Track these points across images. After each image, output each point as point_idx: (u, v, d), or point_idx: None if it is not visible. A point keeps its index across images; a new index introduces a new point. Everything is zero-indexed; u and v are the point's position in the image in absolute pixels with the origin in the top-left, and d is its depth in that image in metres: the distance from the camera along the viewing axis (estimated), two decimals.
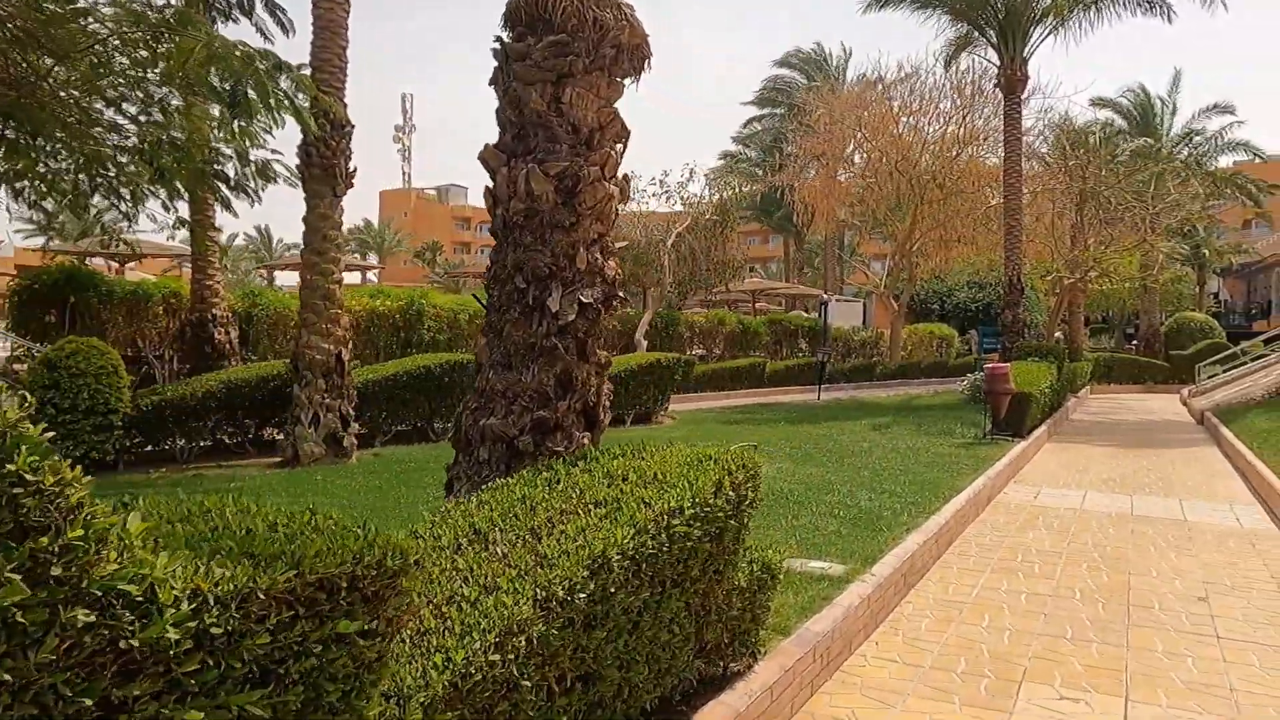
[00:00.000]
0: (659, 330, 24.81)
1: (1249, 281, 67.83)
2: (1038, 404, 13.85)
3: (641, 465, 3.37)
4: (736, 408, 18.70)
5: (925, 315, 39.23)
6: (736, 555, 3.53)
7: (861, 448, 11.71)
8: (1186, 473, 11.89)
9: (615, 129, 4.25)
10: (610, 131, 4.21)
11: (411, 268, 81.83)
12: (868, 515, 7.31)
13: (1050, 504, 9.43)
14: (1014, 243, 20.03)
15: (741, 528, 3.50)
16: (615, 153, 4.23)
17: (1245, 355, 26.23)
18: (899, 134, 26.78)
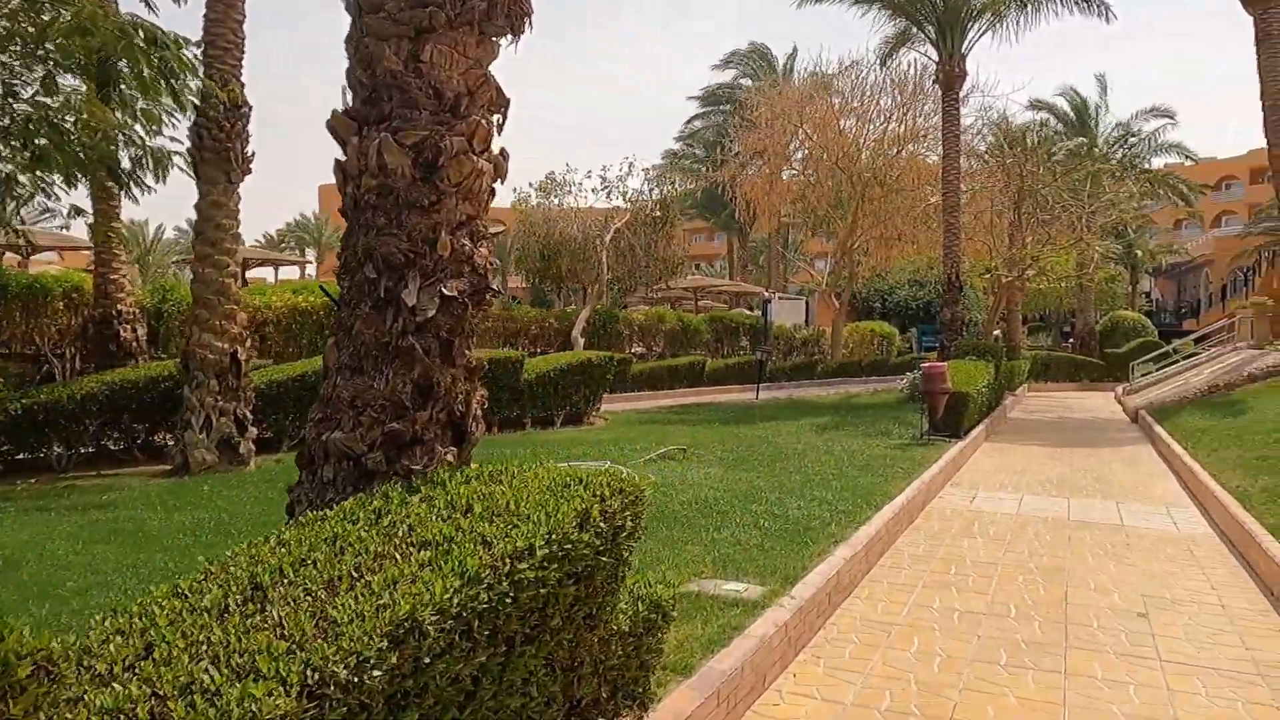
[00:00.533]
0: (597, 328, 24.25)
1: (1179, 281, 69.58)
2: (975, 403, 13.59)
3: (494, 492, 2.80)
4: (673, 407, 18.22)
5: (867, 313, 39.27)
6: (615, 595, 2.98)
7: (796, 450, 11.28)
8: (1123, 473, 11.69)
9: (488, 96, 3.67)
10: (482, 98, 3.63)
11: None
12: (795, 526, 6.84)
13: (987, 509, 9.08)
14: (952, 240, 19.87)
15: (619, 563, 2.95)
16: (488, 123, 3.65)
17: (1177, 354, 26.56)
18: (840, 130, 26.58)
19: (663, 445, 11.54)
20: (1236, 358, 20.47)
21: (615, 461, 9.94)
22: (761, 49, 43.15)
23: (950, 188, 19.88)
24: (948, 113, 20.49)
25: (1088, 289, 37.37)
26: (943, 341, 19.74)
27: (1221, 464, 10.25)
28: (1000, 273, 24.00)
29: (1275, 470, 9.17)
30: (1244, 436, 11.79)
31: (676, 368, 22.62)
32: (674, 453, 10.47)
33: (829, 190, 28.20)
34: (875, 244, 29.51)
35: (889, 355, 33.23)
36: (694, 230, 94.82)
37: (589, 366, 14.77)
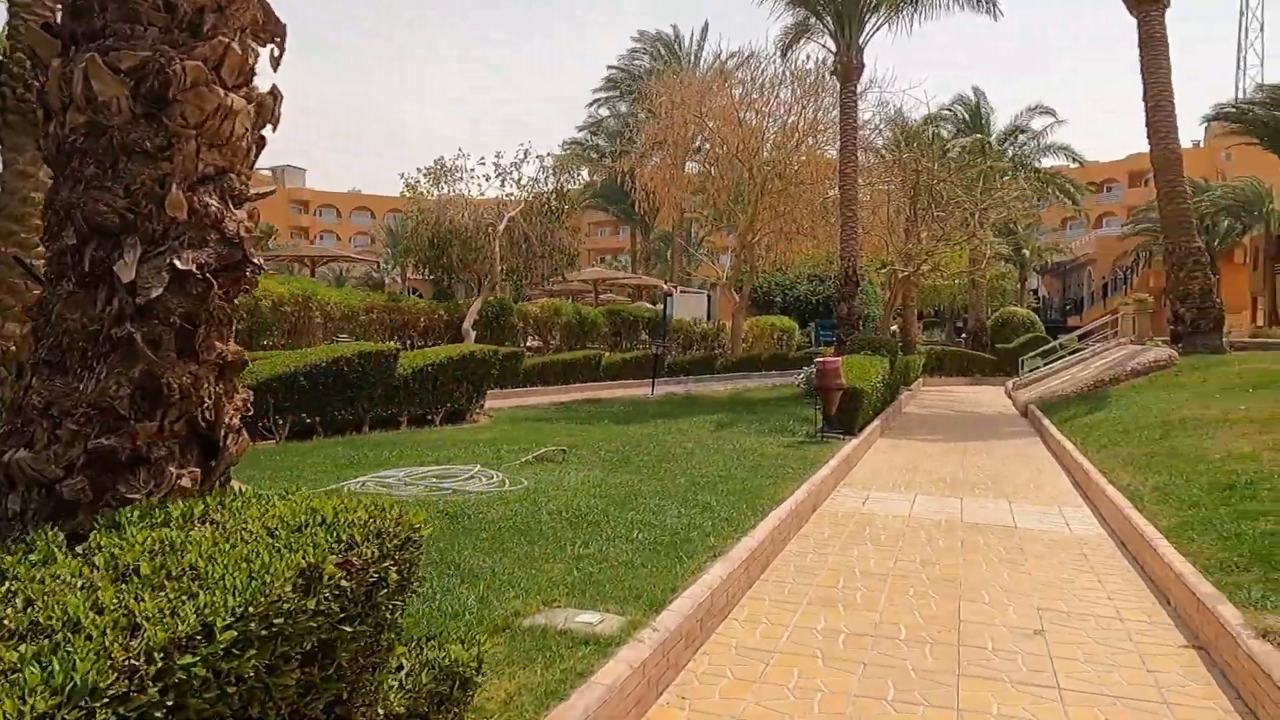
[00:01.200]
0: (490, 320, 23.29)
1: (1064, 279, 72.45)
2: (870, 399, 13.28)
3: (187, 541, 2.01)
4: (565, 404, 17.46)
5: (768, 308, 39.23)
6: (378, 672, 2.23)
7: (684, 450, 10.68)
8: (1014, 470, 11.50)
9: (250, 16, 2.86)
10: (238, 16, 2.82)
11: None
12: (672, 538, 6.20)
13: (879, 511, 8.65)
14: (850, 234, 19.69)
15: (381, 630, 2.20)
16: (246, 50, 2.84)
17: (1063, 349, 27.18)
18: (740, 121, 26.22)
19: (544, 445, 10.80)
20: (1120, 353, 20.91)
21: (488, 465, 9.15)
22: (665, 36, 42.65)
23: (847, 181, 19.68)
24: (845, 105, 20.31)
25: (980, 286, 38.17)
26: (839, 336, 19.55)
27: (1112, 461, 10.10)
28: (896, 268, 24.05)
29: (1163, 468, 9.01)
30: (1131, 432, 11.75)
31: (572, 362, 21.87)
32: (553, 454, 9.73)
33: (729, 183, 27.84)
34: (775, 238, 29.30)
35: (789, 349, 33.15)
36: (598, 223, 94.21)
37: (472, 361, 13.89)
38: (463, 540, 5.94)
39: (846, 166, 19.77)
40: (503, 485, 8.01)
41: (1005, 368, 30.97)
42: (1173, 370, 17.41)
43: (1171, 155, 20.13)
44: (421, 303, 23.09)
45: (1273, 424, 10.21)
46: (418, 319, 22.60)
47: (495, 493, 7.64)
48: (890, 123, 26.82)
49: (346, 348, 12.57)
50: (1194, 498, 7.49)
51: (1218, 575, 5.47)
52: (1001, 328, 37.24)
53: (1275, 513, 6.51)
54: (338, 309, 20.74)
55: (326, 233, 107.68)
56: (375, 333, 21.62)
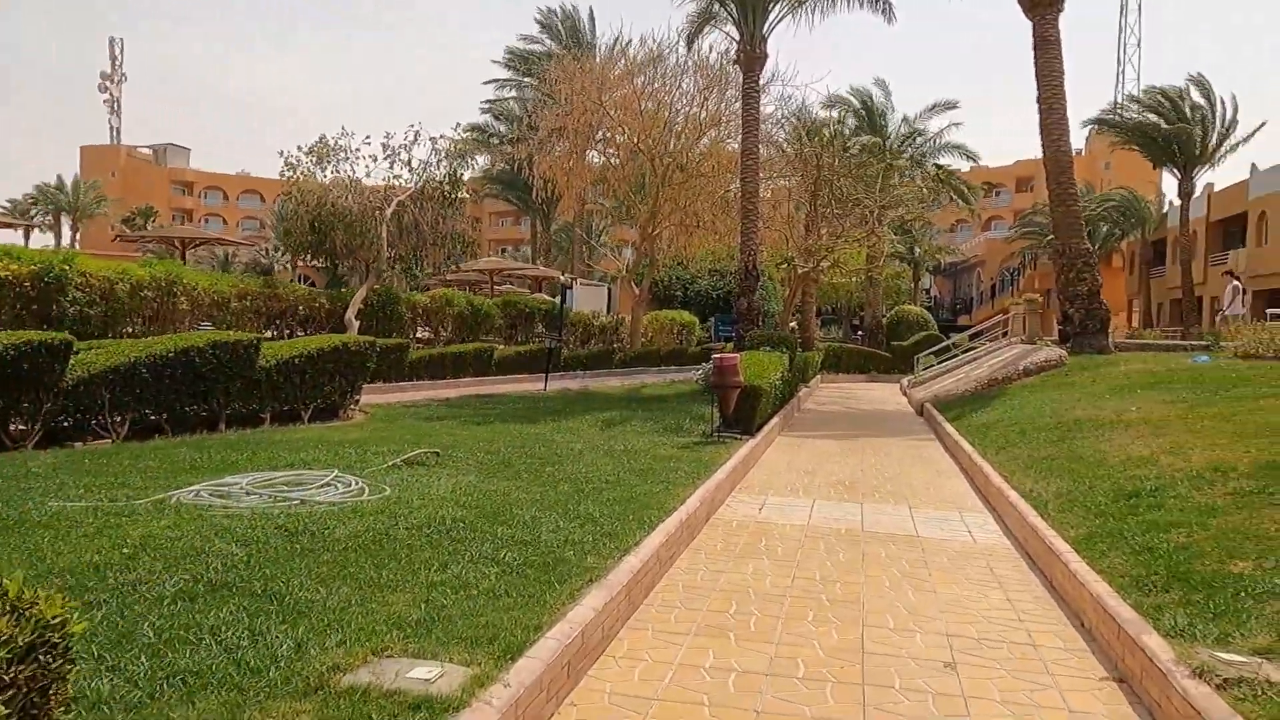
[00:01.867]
0: (376, 310, 22.08)
1: (955, 279, 74.79)
2: (768, 398, 12.80)
3: None
4: (452, 400, 16.49)
5: (668, 302, 38.84)
6: None
7: (572, 451, 9.93)
8: (914, 472, 11.17)
9: None
10: None
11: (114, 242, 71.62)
12: (546, 557, 5.45)
13: (776, 519, 8.08)
14: (750, 228, 19.28)
15: None
16: None
17: (956, 348, 27.55)
18: (642, 110, 25.58)
19: (418, 446, 9.88)
20: (1011, 353, 21.15)
21: (349, 469, 8.21)
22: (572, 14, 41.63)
23: (749, 173, 19.27)
24: (748, 94, 19.88)
25: (877, 284, 38.66)
26: (739, 331, 19.12)
27: (1012, 464, 9.82)
28: (797, 263, 23.82)
29: (1065, 473, 8.73)
30: (1029, 433, 11.56)
31: (461, 355, 20.84)
32: (424, 456, 8.83)
33: (631, 173, 27.21)
34: (676, 231, 28.83)
35: (689, 344, 32.81)
36: (499, 213, 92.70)
37: (345, 353, 12.79)
38: (297, 564, 5.05)
39: (748, 159, 19.33)
40: (361, 494, 7.10)
41: (900, 365, 31.29)
42: (1063, 370, 17.58)
43: (1064, 158, 20.43)
44: (301, 290, 21.68)
45: (1165, 427, 10.10)
46: (296, 307, 21.19)
47: (350, 503, 6.73)
48: (792, 117, 26.65)
49: (199, 336, 11.35)
50: (1100, 505, 7.15)
51: (1136, 596, 5.04)
52: (896, 325, 37.78)
53: (1184, 524, 6.18)
54: (206, 295, 19.21)
55: (212, 216, 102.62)
56: (248, 322, 20.16)
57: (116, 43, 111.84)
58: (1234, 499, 6.52)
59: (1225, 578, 5.03)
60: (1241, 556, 5.34)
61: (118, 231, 37.40)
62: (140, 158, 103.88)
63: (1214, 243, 44.91)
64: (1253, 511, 6.16)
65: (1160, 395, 12.61)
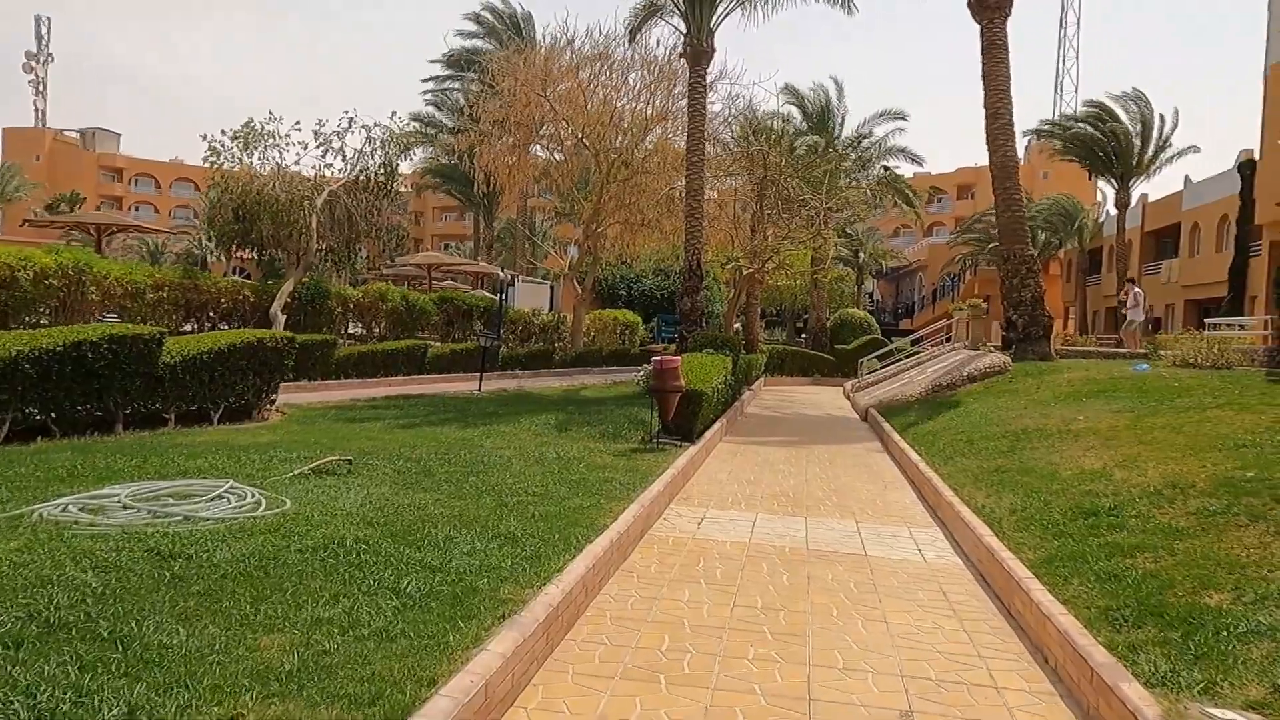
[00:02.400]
0: (304, 304, 21.06)
1: (897, 284, 75.51)
2: (711, 402, 12.27)
3: None
4: (380, 400, 15.64)
5: (612, 301, 38.25)
6: None
7: (500, 459, 9.27)
8: (859, 483, 10.73)
9: None
10: None
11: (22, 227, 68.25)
12: (455, 585, 4.81)
13: (716, 536, 7.53)
14: (695, 225, 18.78)
15: None
16: None
17: (899, 353, 27.43)
18: (587, 105, 24.91)
19: (337, 450, 9.14)
20: (955, 358, 20.99)
21: (250, 478, 7.44)
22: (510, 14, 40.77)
23: (694, 169, 18.76)
24: (694, 89, 19.37)
25: (821, 286, 38.53)
26: (682, 332, 18.60)
27: (962, 476, 9.43)
28: (742, 263, 23.40)
29: (1017, 487, 8.34)
30: (976, 443, 11.22)
31: (393, 353, 19.95)
32: (336, 464, 8.09)
33: (574, 168, 26.55)
34: (621, 229, 28.24)
35: (632, 344, 32.23)
36: (443, 208, 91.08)
37: (260, 349, 11.92)
38: (160, 597, 4.34)
39: (693, 154, 18.83)
40: (256, 508, 6.36)
41: (844, 368, 31.15)
42: (1007, 376, 17.41)
43: (1009, 162, 20.31)
44: (223, 281, 20.59)
45: (1114, 438, 9.81)
46: (218, 300, 20.13)
47: (241, 520, 6.00)
48: (740, 115, 26.24)
49: (93, 329, 10.39)
50: (1057, 525, 6.74)
51: (1106, 632, 4.59)
52: (840, 329, 37.67)
53: (1149, 547, 5.78)
54: (119, 285, 18.08)
55: (143, 204, 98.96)
56: (166, 315, 19.07)
57: (43, 21, 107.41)
58: (1198, 520, 6.15)
59: (1202, 612, 4.60)
60: (1216, 587, 4.92)
61: (28, 217, 35.35)
62: (67, 141, 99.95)
63: (1148, 252, 45.82)
64: (1219, 534, 5.78)
65: (1106, 404, 12.40)
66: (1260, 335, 22.74)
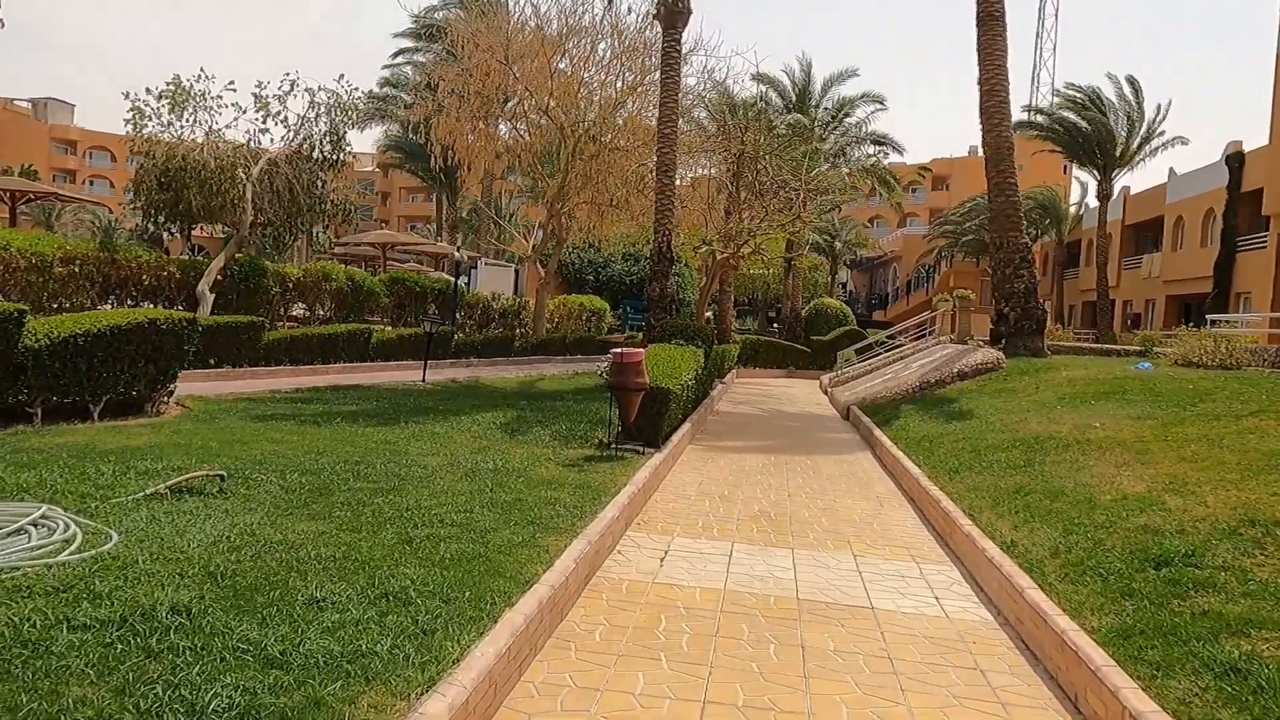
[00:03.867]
0: (237, 282, 19.19)
1: (871, 274, 74.43)
2: (679, 401, 10.70)
3: None
4: (307, 391, 13.89)
5: (579, 286, 36.56)
6: None
7: (424, 471, 7.64)
8: (851, 499, 9.23)
9: None
10: None
11: None
12: (289, 696, 3.20)
13: (683, 579, 5.97)
14: (666, 204, 17.18)
15: None
16: None
17: (880, 346, 26.05)
18: (553, 74, 23.15)
19: (231, 453, 7.49)
20: (943, 353, 19.61)
21: (84, 498, 5.77)
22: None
23: (666, 143, 17.14)
24: (668, 54, 17.70)
25: (796, 274, 37.10)
26: (649, 320, 17.02)
27: (974, 496, 7.94)
28: (716, 248, 21.85)
29: (1046, 514, 6.86)
30: (982, 453, 9.74)
31: (332, 337, 18.15)
32: (203, 481, 6.41)
33: (536, 143, 24.83)
34: (588, 209, 26.58)
35: (599, 331, 30.61)
36: (410, 189, 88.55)
37: (152, 331, 10.13)
38: None
39: (665, 126, 17.21)
40: (64, 548, 4.71)
41: (820, 360, 29.74)
42: (1001, 374, 16.03)
43: (1004, 143, 18.90)
44: (145, 255, 18.65)
45: (1145, 452, 8.38)
46: (140, 276, 18.20)
47: (27, 567, 4.34)
48: (715, 88, 24.61)
49: None
50: (1121, 577, 5.25)
51: None
52: (815, 319, 36.27)
53: (1266, 620, 4.29)
54: (21, 258, 16.15)
55: (98, 178, 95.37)
56: (78, 291, 17.17)
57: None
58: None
59: None
60: None
61: None
62: (18, 111, 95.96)
63: (1129, 246, 44.90)
64: None
65: (1120, 408, 11.01)
66: (1265, 334, 21.61)
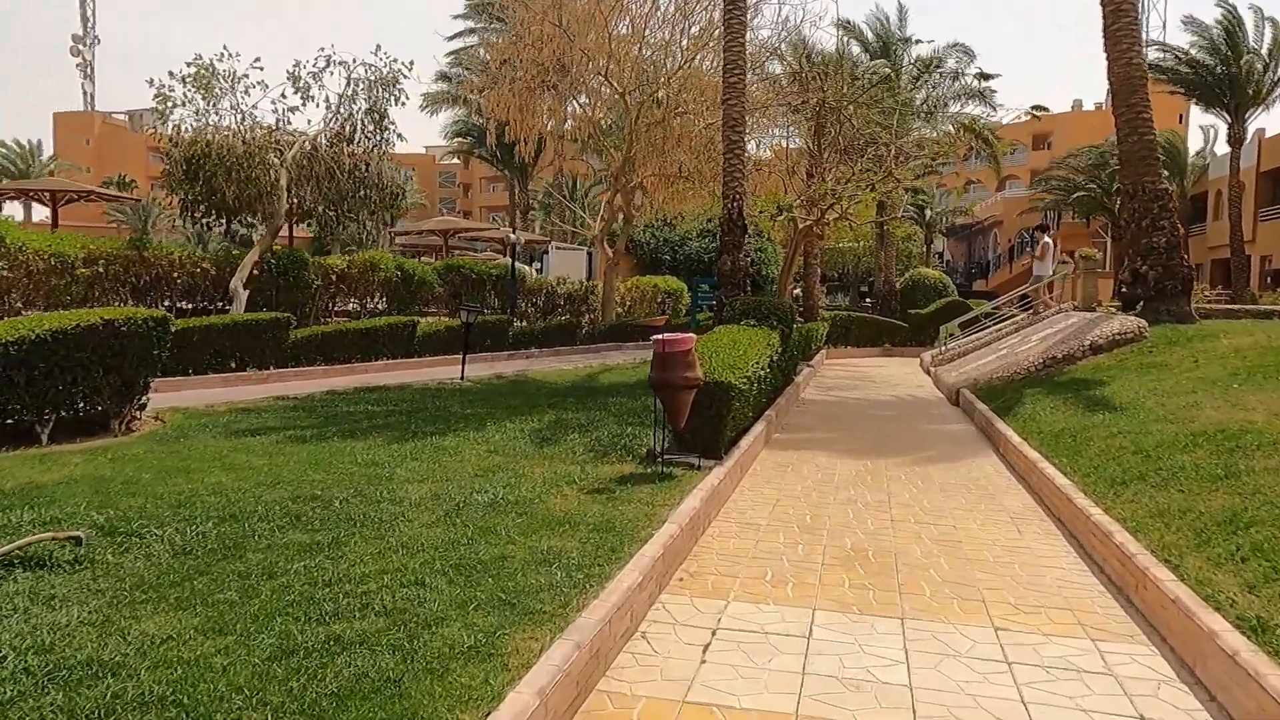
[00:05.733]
0: (275, 276, 17.78)
1: (969, 242, 70.10)
2: (745, 398, 8.50)
3: None
4: (324, 395, 12.12)
5: (655, 267, 34.41)
6: None
7: (392, 510, 5.70)
8: (978, 524, 6.91)
9: None
10: None
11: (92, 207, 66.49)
12: None
13: (731, 700, 3.83)
14: (735, 164, 14.90)
15: None
16: None
17: (987, 318, 23.18)
18: (610, 34, 21.04)
19: (166, 492, 5.72)
20: (1067, 323, 16.81)
21: None
22: None
23: (733, 94, 14.84)
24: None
25: (889, 245, 34.18)
26: (720, 298, 14.82)
27: (1164, 527, 5.56)
28: (797, 214, 19.42)
29: None
30: (1151, 454, 7.26)
31: (372, 332, 16.50)
32: (49, 546, 4.58)
33: (598, 110, 22.83)
34: (656, 182, 24.43)
35: (676, 314, 28.48)
36: (491, 179, 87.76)
37: (109, 335, 8.48)
38: None
39: (732, 75, 14.93)
40: None
41: (919, 336, 26.97)
42: (1145, 345, 13.26)
43: (1136, 72, 15.94)
44: (177, 251, 17.39)
45: None
46: (171, 275, 16.94)
47: None
48: (791, 35, 22.08)
49: None
50: None
51: None
52: (912, 291, 33.30)
53: None
54: (40, 260, 14.99)
55: None
56: (106, 293, 15.97)
57: (88, 3, 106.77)
58: None
59: None
60: None
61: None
62: (115, 123, 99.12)
63: (1264, 195, 40.31)
64: None
65: None
66: None
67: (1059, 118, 77.20)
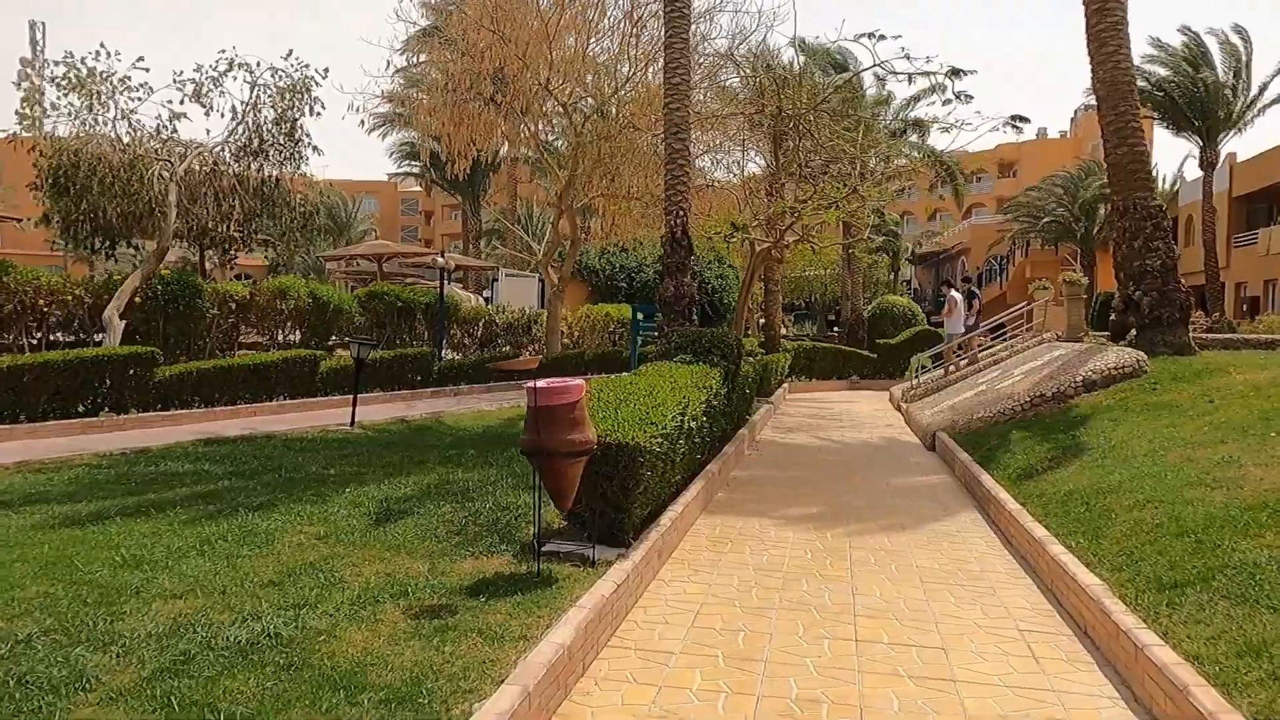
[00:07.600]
0: (162, 305, 15.56)
1: (936, 270, 69.12)
2: (664, 462, 6.47)
3: None
4: (168, 449, 9.96)
5: (611, 295, 32.47)
6: None
7: (91, 658, 3.64)
8: (974, 642, 4.96)
9: None
10: None
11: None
12: None
13: None
14: (678, 175, 13.05)
15: None
16: None
17: (961, 351, 21.44)
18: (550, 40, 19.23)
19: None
20: (1053, 354, 15.07)
21: None
22: None
23: (675, 95, 12.99)
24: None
25: (855, 271, 32.53)
26: (662, 327, 12.92)
27: (1261, 675, 3.64)
28: (755, 234, 17.60)
29: None
30: (1206, 538, 5.37)
31: (264, 368, 14.29)
32: None
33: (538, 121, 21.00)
34: (605, 203, 22.60)
35: (625, 346, 26.48)
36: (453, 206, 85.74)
37: None
38: None
39: (674, 75, 13.11)
40: None
41: (889, 367, 25.22)
42: (1147, 380, 11.49)
43: (1123, 77, 14.38)
44: (46, 276, 15.16)
45: None
46: (35, 303, 14.68)
47: None
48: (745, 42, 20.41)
49: None
50: None
51: None
52: (880, 320, 31.62)
53: None
54: None
55: None
56: None
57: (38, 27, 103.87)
58: None
59: None
60: None
61: None
62: None
63: (1238, 221, 39.34)
64: None
65: None
66: None
67: (1024, 146, 76.89)
